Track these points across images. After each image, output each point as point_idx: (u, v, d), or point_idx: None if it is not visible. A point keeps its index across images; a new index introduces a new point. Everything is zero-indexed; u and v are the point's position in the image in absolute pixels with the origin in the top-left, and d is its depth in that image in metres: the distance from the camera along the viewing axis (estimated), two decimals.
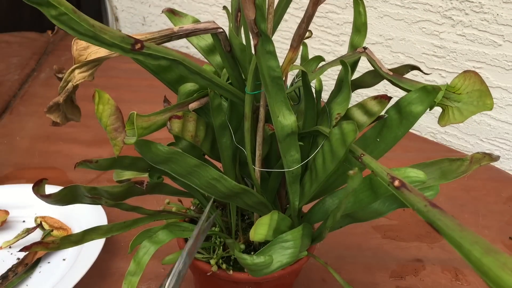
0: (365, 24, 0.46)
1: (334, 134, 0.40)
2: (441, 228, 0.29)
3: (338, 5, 1.03)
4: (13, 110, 1.05)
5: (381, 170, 0.36)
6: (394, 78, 0.41)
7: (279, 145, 0.42)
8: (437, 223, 0.29)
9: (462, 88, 0.38)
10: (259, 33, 0.34)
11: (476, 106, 0.38)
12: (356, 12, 0.46)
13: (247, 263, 0.42)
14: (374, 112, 0.42)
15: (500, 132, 0.95)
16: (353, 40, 0.47)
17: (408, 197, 0.32)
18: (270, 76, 0.37)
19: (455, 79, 0.39)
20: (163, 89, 0.52)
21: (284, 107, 0.40)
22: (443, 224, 0.29)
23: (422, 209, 0.31)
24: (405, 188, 0.33)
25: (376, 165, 0.37)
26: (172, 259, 0.46)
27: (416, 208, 0.31)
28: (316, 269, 0.67)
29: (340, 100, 0.43)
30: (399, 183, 0.34)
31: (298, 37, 0.39)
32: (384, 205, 0.44)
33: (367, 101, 0.43)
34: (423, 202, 0.31)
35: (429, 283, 0.67)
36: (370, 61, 0.43)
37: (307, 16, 0.37)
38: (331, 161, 0.40)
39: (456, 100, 0.39)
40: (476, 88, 0.38)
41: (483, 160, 0.43)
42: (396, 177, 0.34)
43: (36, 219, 0.70)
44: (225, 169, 0.50)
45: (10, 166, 0.87)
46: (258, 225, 0.41)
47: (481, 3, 0.85)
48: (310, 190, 0.45)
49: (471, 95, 0.38)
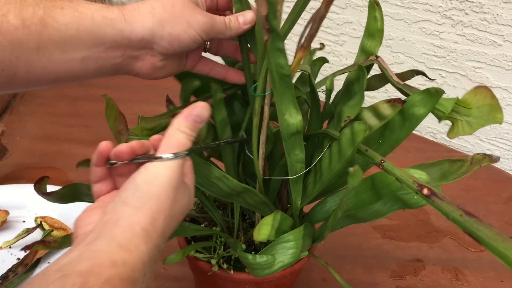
0: (381, 31, 0.46)
1: (345, 134, 0.40)
2: (482, 238, 0.28)
3: (338, 5, 1.03)
4: (13, 110, 1.05)
5: (406, 178, 0.35)
6: (404, 87, 0.41)
7: (284, 143, 0.42)
8: (477, 233, 0.28)
9: (473, 103, 0.38)
10: (270, 29, 0.34)
11: (486, 120, 0.38)
12: (371, 17, 0.46)
13: (250, 262, 0.42)
14: (385, 115, 0.42)
15: (500, 132, 0.95)
16: (365, 44, 0.46)
17: (441, 206, 0.31)
18: (278, 73, 0.37)
19: (466, 95, 0.39)
20: (163, 89, 0.52)
21: (291, 105, 0.40)
22: (483, 235, 0.28)
23: (458, 218, 0.30)
24: (436, 197, 0.32)
25: (400, 172, 0.36)
26: (172, 259, 0.46)
27: (451, 217, 0.30)
28: (316, 269, 0.67)
29: (352, 104, 0.43)
30: (429, 191, 0.33)
31: (309, 37, 0.39)
32: (385, 206, 0.44)
33: (379, 104, 0.43)
34: (458, 211, 0.30)
35: (429, 283, 0.68)
36: (381, 69, 0.43)
37: (319, 16, 0.37)
38: (338, 161, 0.40)
39: (466, 115, 0.39)
40: (487, 103, 0.38)
41: (484, 161, 0.43)
42: (424, 185, 0.33)
43: (36, 219, 0.69)
44: (227, 167, 0.50)
45: (10, 166, 0.86)
46: (262, 225, 0.41)
47: (481, 3, 0.85)
48: (313, 190, 0.45)
49: (481, 110, 0.38)
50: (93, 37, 0.37)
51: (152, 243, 0.31)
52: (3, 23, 0.33)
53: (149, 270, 0.31)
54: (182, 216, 0.36)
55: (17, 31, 0.34)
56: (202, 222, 0.59)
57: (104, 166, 0.36)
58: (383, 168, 0.37)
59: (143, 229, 0.31)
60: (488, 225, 0.29)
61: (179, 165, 0.34)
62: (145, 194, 0.32)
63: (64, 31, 0.36)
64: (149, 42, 0.39)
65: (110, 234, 0.30)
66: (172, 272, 0.66)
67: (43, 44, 0.35)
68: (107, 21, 0.37)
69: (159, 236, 0.32)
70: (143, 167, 0.34)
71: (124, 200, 0.32)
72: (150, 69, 0.41)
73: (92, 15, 0.37)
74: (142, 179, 0.33)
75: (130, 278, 0.28)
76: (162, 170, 0.33)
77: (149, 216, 0.31)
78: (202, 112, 0.36)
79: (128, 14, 0.38)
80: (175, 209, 0.34)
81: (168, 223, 0.33)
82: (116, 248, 0.29)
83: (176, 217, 0.34)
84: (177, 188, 0.34)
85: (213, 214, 0.54)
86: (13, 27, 0.34)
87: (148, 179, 0.33)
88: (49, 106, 1.07)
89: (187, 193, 0.36)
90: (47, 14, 0.35)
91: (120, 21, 0.38)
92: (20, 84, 0.37)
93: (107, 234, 0.30)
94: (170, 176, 0.33)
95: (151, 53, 0.40)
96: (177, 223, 0.35)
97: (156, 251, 0.32)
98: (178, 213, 0.35)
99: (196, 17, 0.39)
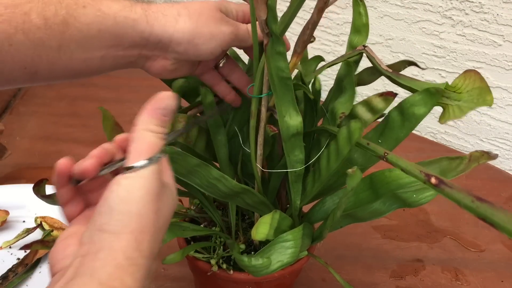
0: (366, 25, 0.46)
1: (342, 133, 0.40)
2: (497, 223, 0.28)
3: (338, 5, 1.03)
4: (13, 110, 1.05)
5: (412, 168, 0.34)
6: (393, 75, 0.41)
7: (284, 144, 0.42)
8: (492, 218, 0.28)
9: (463, 88, 0.38)
10: (270, 33, 0.35)
11: (476, 102, 0.38)
12: (356, 13, 0.46)
13: (245, 264, 0.42)
14: (379, 109, 0.42)
15: (500, 132, 0.95)
16: (352, 40, 0.47)
17: (451, 193, 0.31)
18: (278, 76, 0.37)
19: (456, 80, 0.39)
20: (163, 89, 0.52)
21: (291, 107, 0.40)
22: (498, 219, 0.28)
23: (470, 204, 0.29)
24: (445, 185, 0.31)
25: (406, 164, 0.35)
26: (172, 259, 0.46)
27: (463, 204, 0.30)
28: (316, 269, 0.67)
29: (344, 99, 0.43)
30: (437, 180, 0.32)
31: (302, 42, 0.39)
32: (384, 205, 0.44)
33: (372, 98, 0.43)
34: (469, 197, 0.30)
35: (429, 283, 0.67)
36: (369, 58, 0.43)
37: (312, 22, 0.37)
38: (336, 160, 0.40)
39: (456, 99, 0.38)
40: (476, 86, 0.38)
41: (482, 158, 0.43)
42: (431, 174, 0.32)
43: (36, 219, 0.69)
44: (222, 168, 0.50)
45: (10, 166, 0.87)
46: (260, 224, 0.41)
47: (481, 3, 0.85)
48: (312, 190, 0.45)
49: (471, 93, 0.38)
50: (114, 38, 0.37)
51: (140, 272, 0.28)
52: (26, 22, 0.33)
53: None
54: (168, 222, 0.32)
55: (39, 30, 0.33)
56: (202, 222, 0.59)
57: (68, 186, 0.33)
58: (387, 160, 0.36)
59: (128, 258, 0.27)
60: (501, 209, 0.28)
61: (155, 171, 0.29)
62: (122, 215, 0.28)
63: (86, 31, 0.35)
64: (165, 45, 0.39)
65: (89, 270, 0.26)
66: (172, 272, 0.66)
67: (65, 44, 0.35)
68: (129, 22, 0.37)
69: (147, 259, 0.28)
70: (115, 182, 0.29)
71: (100, 227, 0.28)
72: (160, 70, 0.41)
73: (114, 15, 0.36)
74: (116, 197, 0.28)
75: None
76: (137, 182, 0.29)
77: (132, 240, 0.27)
78: (168, 103, 0.32)
79: (152, 16, 0.38)
80: (160, 221, 0.30)
81: (155, 239, 0.29)
82: (98, 287, 0.26)
83: (162, 228, 0.31)
84: (158, 197, 0.30)
85: (212, 214, 0.54)
86: (36, 26, 0.33)
87: (123, 197, 0.28)
88: (49, 106, 1.07)
89: (169, 195, 0.32)
90: (69, 13, 0.35)
91: (142, 22, 0.37)
92: (41, 79, 0.37)
93: (86, 270, 0.27)
94: (147, 187, 0.29)
95: (164, 55, 0.40)
96: (165, 231, 0.32)
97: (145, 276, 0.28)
98: (164, 222, 0.31)
99: (221, 28, 0.39)
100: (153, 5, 0.38)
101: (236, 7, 0.42)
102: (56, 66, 0.36)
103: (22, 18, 0.33)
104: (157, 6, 0.39)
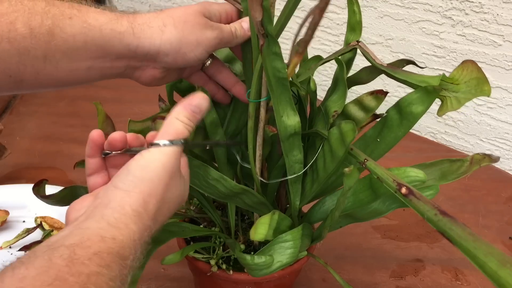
0: (359, 23, 0.46)
1: (333, 134, 0.40)
2: (453, 238, 0.28)
3: (338, 5, 1.03)
4: (13, 110, 1.05)
5: (386, 177, 0.35)
6: (388, 69, 0.41)
7: (282, 144, 0.42)
8: (449, 233, 0.29)
9: (460, 79, 0.38)
10: (265, 34, 0.35)
11: (474, 93, 0.38)
12: (351, 11, 0.47)
13: (248, 263, 0.42)
14: (371, 107, 0.42)
15: (500, 132, 0.95)
16: (348, 39, 0.47)
17: (417, 205, 0.32)
18: (275, 76, 0.37)
19: (454, 71, 0.39)
20: (163, 89, 0.52)
21: (288, 107, 0.40)
22: (455, 234, 0.28)
23: (433, 218, 0.30)
24: (413, 196, 0.33)
25: (381, 171, 0.36)
26: (171, 259, 0.46)
27: (426, 217, 0.31)
28: (316, 269, 0.67)
29: (336, 97, 0.43)
30: (407, 191, 0.33)
31: (303, 43, 0.39)
32: (384, 204, 0.44)
33: (364, 97, 0.43)
34: (433, 210, 0.30)
35: (429, 283, 0.67)
36: (364, 53, 0.43)
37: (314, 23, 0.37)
38: (331, 161, 0.40)
39: (454, 91, 0.38)
40: (474, 76, 0.38)
41: (483, 161, 0.43)
42: (403, 184, 0.33)
43: (36, 219, 0.70)
44: (221, 168, 0.50)
45: (10, 166, 0.87)
46: (259, 224, 0.41)
47: (481, 3, 0.85)
48: (311, 190, 0.45)
49: (469, 84, 0.38)
50: (100, 49, 0.37)
51: (143, 224, 0.31)
52: (11, 31, 0.33)
53: (139, 250, 0.31)
54: (175, 206, 0.36)
55: (24, 40, 0.34)
56: (201, 222, 0.59)
57: (98, 157, 0.36)
58: (366, 166, 0.38)
59: (134, 210, 0.31)
60: (462, 225, 0.29)
61: (175, 152, 0.34)
62: (137, 178, 0.32)
63: (71, 42, 0.36)
64: (152, 56, 0.39)
65: (99, 215, 0.30)
66: (172, 272, 0.66)
67: (51, 54, 0.35)
68: (115, 35, 0.37)
69: (150, 219, 0.32)
70: (139, 154, 0.34)
71: (115, 184, 0.32)
72: (150, 79, 0.42)
73: (100, 27, 0.36)
74: (135, 164, 0.33)
75: (119, 253, 0.28)
76: (157, 155, 0.33)
77: (140, 199, 0.31)
78: (201, 102, 0.36)
79: (138, 28, 0.38)
80: (168, 195, 0.34)
81: (160, 208, 0.33)
82: (106, 226, 0.29)
83: (168, 203, 0.34)
84: (172, 174, 0.34)
85: (212, 215, 0.54)
86: (21, 36, 0.34)
87: (142, 164, 0.33)
88: (49, 106, 1.07)
89: (182, 183, 0.36)
90: (55, 24, 0.35)
91: (128, 35, 0.38)
92: (27, 88, 0.37)
93: (97, 214, 0.30)
94: (164, 161, 0.33)
95: (154, 65, 0.40)
96: (169, 211, 0.35)
97: (147, 233, 0.32)
98: (171, 200, 0.34)
99: (206, 34, 0.39)
100: (139, 17, 0.39)
101: (219, 8, 0.42)
102: (42, 76, 0.36)
103: (7, 27, 0.33)
104: (143, 17, 0.39)
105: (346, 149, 0.38)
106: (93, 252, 0.27)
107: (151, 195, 0.32)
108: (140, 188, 0.32)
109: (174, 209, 0.36)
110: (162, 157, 0.33)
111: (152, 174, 0.32)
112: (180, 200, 0.36)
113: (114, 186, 0.32)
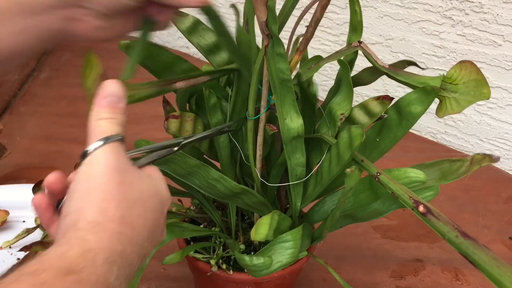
0: (360, 23, 0.46)
1: (342, 138, 0.39)
2: (477, 262, 0.28)
3: (338, 5, 1.03)
4: (13, 110, 1.05)
5: (402, 193, 0.34)
6: (389, 71, 0.41)
7: (285, 147, 0.42)
8: (472, 256, 0.28)
9: (459, 79, 0.38)
10: (270, 35, 0.34)
11: (473, 96, 0.38)
12: (352, 11, 0.46)
13: (246, 264, 0.42)
14: (375, 113, 0.42)
15: (500, 132, 0.95)
16: (350, 39, 0.47)
17: (436, 225, 0.31)
18: (279, 78, 0.37)
19: (451, 70, 0.38)
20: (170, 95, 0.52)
21: (292, 109, 0.40)
22: (479, 259, 0.28)
23: (454, 240, 0.30)
24: (432, 215, 0.32)
25: (396, 187, 0.35)
26: (171, 259, 0.47)
27: (447, 238, 0.30)
28: (316, 269, 0.67)
29: (339, 99, 0.43)
30: (424, 209, 0.32)
31: (305, 40, 0.39)
32: (384, 205, 0.44)
33: (369, 101, 0.43)
34: (454, 232, 0.30)
35: (429, 283, 0.67)
36: (365, 54, 0.43)
37: (315, 20, 0.37)
38: (337, 164, 0.40)
39: (453, 91, 0.38)
40: (472, 78, 0.38)
41: (484, 161, 0.43)
42: (420, 202, 0.33)
43: (36, 219, 0.69)
44: (223, 169, 0.50)
45: (10, 166, 0.86)
46: (259, 225, 0.41)
47: (481, 3, 0.85)
48: (313, 192, 0.45)
49: (467, 85, 0.38)
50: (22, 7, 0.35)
51: (107, 231, 0.28)
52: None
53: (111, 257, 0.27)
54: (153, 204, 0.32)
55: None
56: (201, 222, 0.59)
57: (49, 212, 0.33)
58: (379, 180, 0.37)
59: (90, 222, 0.28)
60: (484, 247, 0.28)
61: (113, 147, 0.31)
62: (82, 192, 0.29)
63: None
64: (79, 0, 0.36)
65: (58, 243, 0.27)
66: (172, 272, 0.66)
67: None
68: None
69: (118, 224, 0.28)
70: (75, 171, 0.31)
71: (64, 214, 0.29)
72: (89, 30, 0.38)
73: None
74: (76, 182, 0.30)
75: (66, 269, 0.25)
76: (96, 159, 0.30)
77: (93, 209, 0.28)
78: (114, 89, 0.33)
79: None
80: (131, 193, 0.30)
81: (127, 208, 0.29)
82: (53, 247, 0.27)
83: (139, 202, 0.31)
84: (121, 171, 0.30)
85: (212, 215, 0.54)
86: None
87: (82, 178, 0.30)
88: (49, 106, 1.07)
89: (145, 177, 0.33)
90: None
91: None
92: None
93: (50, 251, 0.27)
94: (105, 162, 0.30)
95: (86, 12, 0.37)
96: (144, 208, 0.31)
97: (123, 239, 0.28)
98: (141, 198, 0.31)
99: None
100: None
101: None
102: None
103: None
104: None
105: (352, 153, 0.38)
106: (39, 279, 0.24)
107: (106, 200, 0.29)
108: (89, 199, 0.29)
109: (155, 208, 0.32)
110: (101, 159, 0.30)
111: (98, 180, 0.29)
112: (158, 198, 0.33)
113: (63, 216, 0.29)
